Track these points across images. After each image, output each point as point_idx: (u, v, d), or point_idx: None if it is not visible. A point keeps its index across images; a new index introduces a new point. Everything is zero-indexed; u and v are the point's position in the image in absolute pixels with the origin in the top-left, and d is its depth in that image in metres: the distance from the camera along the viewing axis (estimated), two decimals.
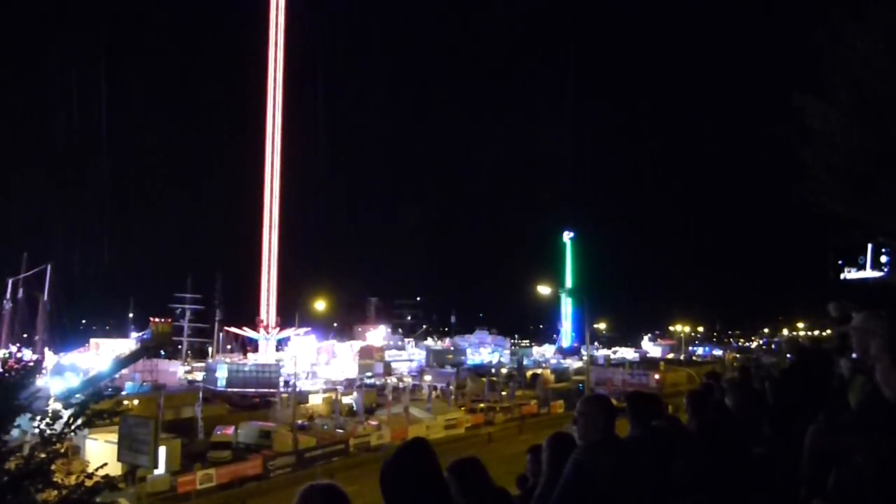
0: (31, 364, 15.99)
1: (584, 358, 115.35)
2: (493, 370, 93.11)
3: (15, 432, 14.42)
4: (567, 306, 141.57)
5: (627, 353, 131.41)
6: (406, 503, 3.21)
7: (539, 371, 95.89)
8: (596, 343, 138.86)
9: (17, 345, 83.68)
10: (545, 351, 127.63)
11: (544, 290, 76.96)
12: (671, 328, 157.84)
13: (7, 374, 13.75)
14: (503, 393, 74.70)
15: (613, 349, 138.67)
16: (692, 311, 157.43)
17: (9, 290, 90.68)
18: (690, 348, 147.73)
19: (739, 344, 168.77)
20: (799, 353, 7.63)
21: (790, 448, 4.43)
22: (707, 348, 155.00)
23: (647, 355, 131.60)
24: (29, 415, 14.53)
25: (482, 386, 75.18)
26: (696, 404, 6.00)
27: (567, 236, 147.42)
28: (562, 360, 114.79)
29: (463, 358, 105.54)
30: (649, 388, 57.95)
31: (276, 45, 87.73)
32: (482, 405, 65.77)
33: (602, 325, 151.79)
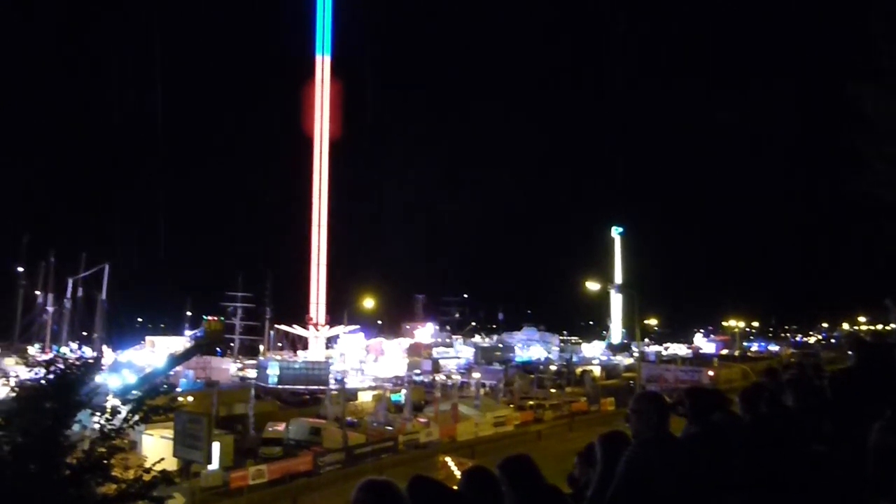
0: (91, 361, 16.43)
1: (635, 354, 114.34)
2: (541, 367, 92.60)
3: (76, 427, 14.86)
4: (616, 302, 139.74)
5: (679, 350, 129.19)
6: None
7: (588, 368, 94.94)
8: (646, 339, 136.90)
9: (77, 342, 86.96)
10: (594, 347, 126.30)
11: (593, 285, 75.85)
12: (724, 323, 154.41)
13: (69, 371, 14.15)
14: (552, 390, 74.14)
15: (665, 345, 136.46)
16: (746, 306, 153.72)
17: (69, 289, 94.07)
18: (745, 344, 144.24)
19: (797, 339, 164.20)
20: (860, 349, 7.33)
21: (853, 446, 4.25)
22: (762, 344, 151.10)
23: (700, 351, 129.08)
24: (89, 410, 14.96)
25: (530, 383, 74.76)
26: (751, 401, 5.81)
27: (615, 231, 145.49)
28: (611, 357, 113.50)
29: (511, 355, 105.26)
30: (702, 385, 56.80)
31: (323, 63, 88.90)
32: (531, 402, 65.35)
33: (653, 321, 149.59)
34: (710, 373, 78.45)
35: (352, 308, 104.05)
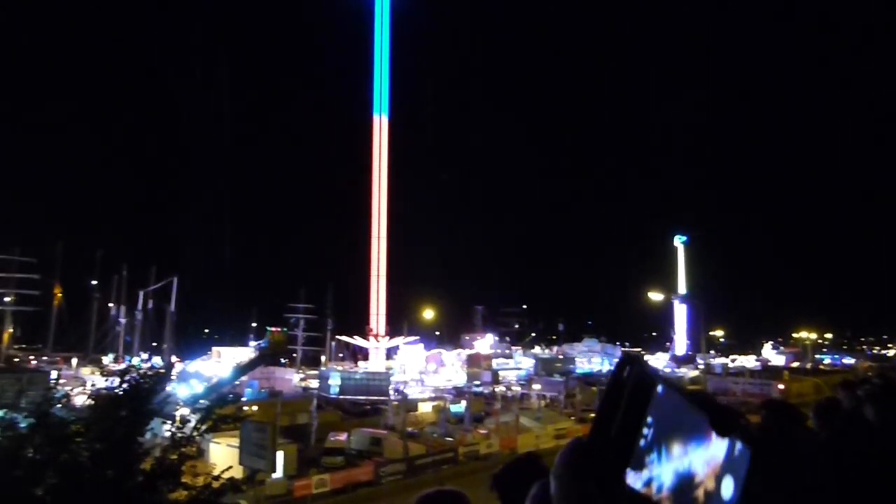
0: (163, 371, 17.00)
1: (700, 366, 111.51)
2: (602, 379, 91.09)
3: (147, 435, 15.37)
4: (680, 312, 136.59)
5: (747, 362, 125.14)
6: None
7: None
8: (712, 351, 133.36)
9: (148, 353, 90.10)
10: (657, 359, 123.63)
11: (656, 296, 74.55)
12: (795, 335, 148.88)
13: (142, 381, 14.65)
14: None
15: (731, 357, 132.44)
16: (819, 317, 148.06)
17: (140, 302, 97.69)
18: (817, 356, 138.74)
19: (874, 352, 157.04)
20: None
21: None
22: (836, 356, 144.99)
23: (769, 364, 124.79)
24: (160, 419, 15.47)
25: (592, 395, 73.56)
26: (826, 415, 5.57)
27: (679, 239, 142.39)
28: (676, 369, 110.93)
29: (572, 366, 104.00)
30: (776, 398, 54.83)
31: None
32: (592, 415, 64.24)
33: (718, 332, 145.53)
34: (781, 386, 75.75)
35: (411, 319, 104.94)
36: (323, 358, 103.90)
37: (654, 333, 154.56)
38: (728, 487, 1.10)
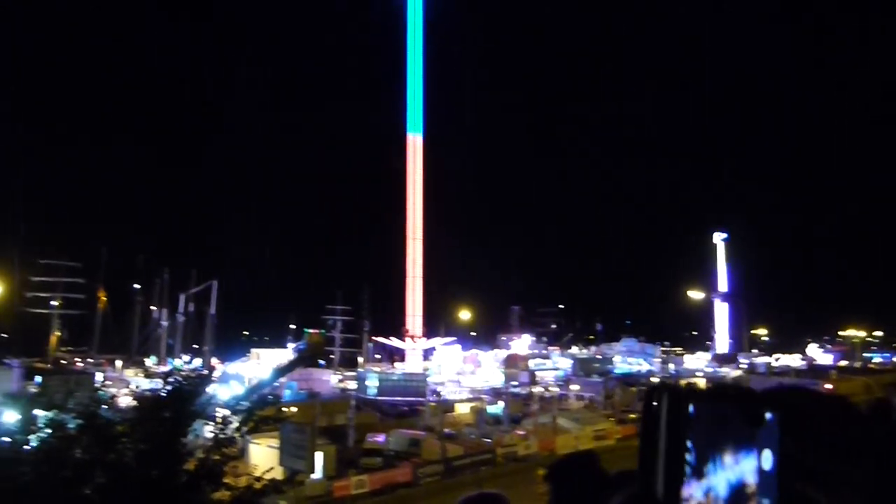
0: (205, 373, 17.29)
1: (743, 366, 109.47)
2: (642, 379, 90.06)
3: (189, 436, 15.63)
4: (721, 311, 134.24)
5: (792, 361, 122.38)
6: None
7: (693, 380, 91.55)
8: (755, 350, 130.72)
9: (189, 355, 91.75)
10: (698, 359, 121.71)
11: (696, 294, 73.26)
12: (842, 333, 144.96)
13: (185, 383, 14.92)
14: None
15: (775, 356, 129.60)
16: (867, 314, 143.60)
17: (181, 305, 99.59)
18: (866, 355, 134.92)
19: None
20: None
21: None
22: (887, 355, 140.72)
23: (815, 363, 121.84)
24: (202, 420, 15.72)
25: (632, 396, 72.82)
26: (878, 416, 5.38)
27: (718, 237, 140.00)
28: (717, 369, 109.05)
29: (610, 367, 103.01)
30: None
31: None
32: (633, 416, 63.62)
33: (761, 331, 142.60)
34: (829, 385, 73.96)
35: (448, 320, 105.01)
36: (360, 359, 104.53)
37: (694, 332, 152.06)
38: (768, 460, 1.11)
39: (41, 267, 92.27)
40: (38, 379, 65.09)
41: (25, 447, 13.46)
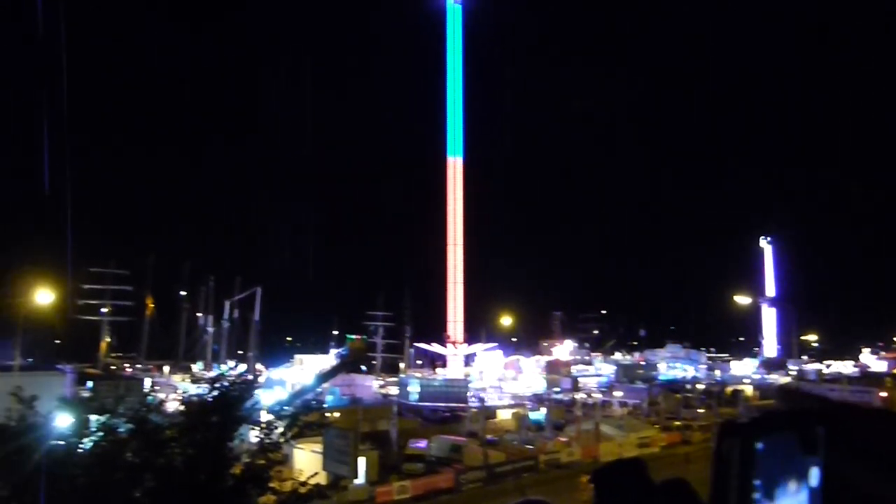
0: (251, 378, 17.53)
1: (792, 372, 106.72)
2: (687, 386, 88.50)
3: (235, 441, 15.86)
4: (769, 316, 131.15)
5: (844, 368, 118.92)
6: None
7: (740, 387, 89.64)
8: (804, 356, 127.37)
9: (234, 360, 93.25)
10: (745, 365, 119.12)
11: (742, 299, 71.67)
12: None
13: (231, 388, 15.15)
14: (700, 410, 70.61)
15: (826, 363, 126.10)
16: None
17: (226, 311, 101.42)
18: None
19: None
20: None
21: None
22: None
23: (869, 370, 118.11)
24: (248, 425, 15.95)
25: (677, 402, 71.63)
26: None
27: (765, 240, 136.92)
28: (765, 375, 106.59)
29: (654, 373, 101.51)
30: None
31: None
32: (677, 423, 62.56)
33: (811, 337, 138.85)
34: (883, 393, 71.63)
35: (489, 326, 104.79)
36: (402, 365, 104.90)
37: (741, 338, 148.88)
38: (814, 476, 1.11)
39: (91, 275, 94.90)
40: (90, 384, 66.93)
41: (79, 450, 13.82)
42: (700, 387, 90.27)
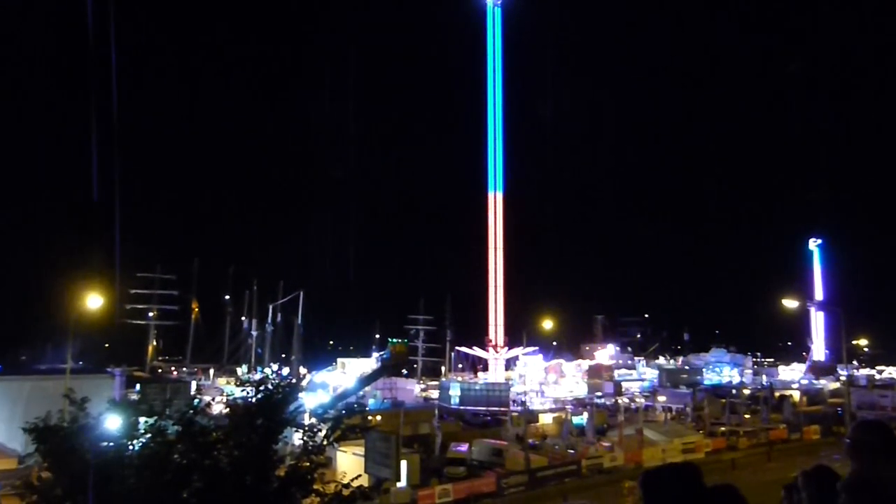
0: (295, 381, 17.73)
1: (842, 378, 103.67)
2: (733, 391, 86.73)
3: (279, 443, 16.05)
4: (818, 321, 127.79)
5: None
6: None
7: (787, 392, 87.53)
8: (855, 361, 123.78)
9: (277, 363, 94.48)
10: (793, 370, 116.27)
11: (790, 303, 69.87)
12: None
13: (276, 391, 15.34)
14: (746, 416, 69.15)
15: (878, 368, 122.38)
16: None
17: (269, 315, 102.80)
18: None
19: None
20: None
21: None
22: None
23: None
24: (292, 427, 16.13)
25: (722, 408, 70.23)
26: None
27: (814, 243, 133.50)
28: (814, 381, 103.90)
29: (699, 377, 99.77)
30: None
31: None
32: (723, 428, 61.38)
33: (862, 342, 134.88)
34: None
35: (530, 329, 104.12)
36: (443, 368, 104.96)
37: (789, 343, 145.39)
38: None
39: (138, 280, 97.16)
40: (138, 387, 68.51)
41: (129, 451, 14.14)
42: (746, 392, 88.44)
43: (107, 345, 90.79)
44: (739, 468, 48.62)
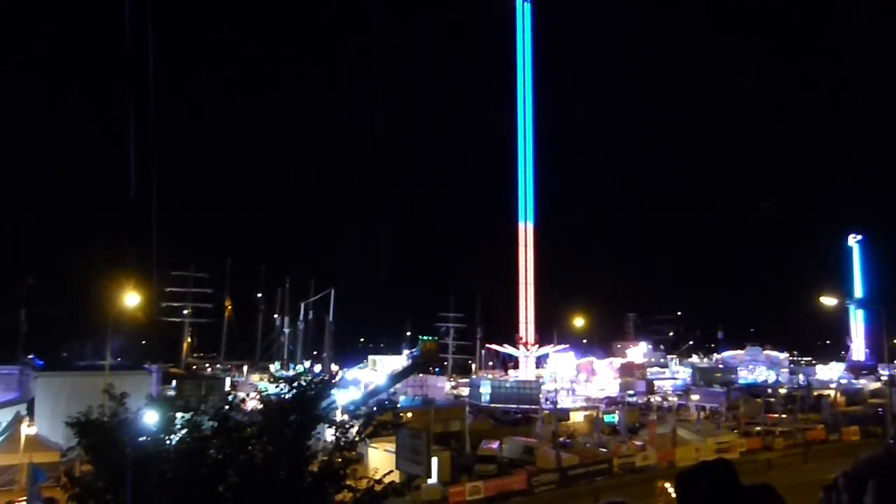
0: (328, 378, 17.94)
1: (883, 377, 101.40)
2: (769, 390, 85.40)
3: (312, 439, 16.26)
4: (857, 319, 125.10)
5: None
6: None
7: (825, 392, 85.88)
8: None
9: (309, 360, 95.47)
10: (831, 369, 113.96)
11: (828, 301, 68.43)
12: None
13: (309, 388, 15.54)
14: (783, 415, 68.02)
15: None
16: None
17: (301, 312, 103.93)
18: None
19: None
20: None
21: None
22: None
23: None
24: (325, 424, 16.33)
25: (757, 407, 69.19)
26: None
27: (854, 239, 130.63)
28: (853, 380, 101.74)
29: (733, 376, 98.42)
30: None
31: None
32: (758, 428, 60.47)
33: None
34: None
35: (561, 327, 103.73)
36: (473, 366, 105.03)
37: (827, 341, 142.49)
38: None
39: (173, 278, 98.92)
40: (174, 383, 69.69)
41: (166, 446, 14.46)
42: (782, 391, 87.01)
43: (143, 342, 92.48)
44: (775, 469, 47.89)
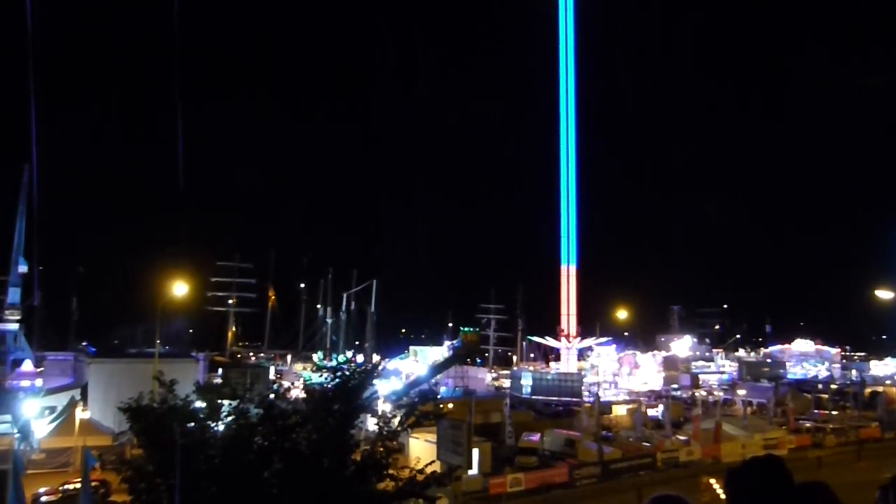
0: (370, 368, 18.09)
1: None
2: (819, 386, 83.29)
3: (354, 428, 16.44)
4: None
5: None
6: None
7: (881, 389, 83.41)
8: None
9: (351, 351, 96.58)
10: (887, 365, 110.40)
11: (884, 294, 66.10)
12: None
13: (352, 378, 15.71)
14: (834, 412, 66.31)
15: None
16: None
17: (343, 303, 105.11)
18: None
19: None
20: None
21: None
22: None
23: None
24: (367, 413, 16.51)
25: (807, 403, 67.62)
26: None
27: None
28: None
29: (782, 371, 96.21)
30: None
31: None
32: (808, 425, 59.07)
33: None
34: None
35: (604, 319, 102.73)
36: (514, 358, 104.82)
37: (882, 336, 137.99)
38: None
39: (218, 268, 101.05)
40: (220, 371, 71.24)
41: (213, 432, 14.77)
42: (833, 387, 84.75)
43: (190, 330, 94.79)
44: (826, 467, 46.69)
